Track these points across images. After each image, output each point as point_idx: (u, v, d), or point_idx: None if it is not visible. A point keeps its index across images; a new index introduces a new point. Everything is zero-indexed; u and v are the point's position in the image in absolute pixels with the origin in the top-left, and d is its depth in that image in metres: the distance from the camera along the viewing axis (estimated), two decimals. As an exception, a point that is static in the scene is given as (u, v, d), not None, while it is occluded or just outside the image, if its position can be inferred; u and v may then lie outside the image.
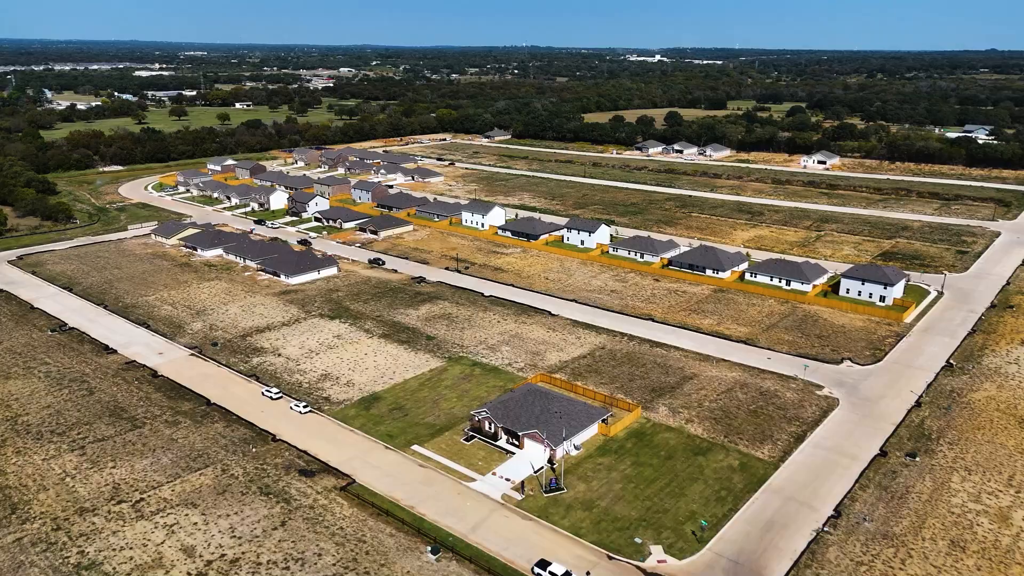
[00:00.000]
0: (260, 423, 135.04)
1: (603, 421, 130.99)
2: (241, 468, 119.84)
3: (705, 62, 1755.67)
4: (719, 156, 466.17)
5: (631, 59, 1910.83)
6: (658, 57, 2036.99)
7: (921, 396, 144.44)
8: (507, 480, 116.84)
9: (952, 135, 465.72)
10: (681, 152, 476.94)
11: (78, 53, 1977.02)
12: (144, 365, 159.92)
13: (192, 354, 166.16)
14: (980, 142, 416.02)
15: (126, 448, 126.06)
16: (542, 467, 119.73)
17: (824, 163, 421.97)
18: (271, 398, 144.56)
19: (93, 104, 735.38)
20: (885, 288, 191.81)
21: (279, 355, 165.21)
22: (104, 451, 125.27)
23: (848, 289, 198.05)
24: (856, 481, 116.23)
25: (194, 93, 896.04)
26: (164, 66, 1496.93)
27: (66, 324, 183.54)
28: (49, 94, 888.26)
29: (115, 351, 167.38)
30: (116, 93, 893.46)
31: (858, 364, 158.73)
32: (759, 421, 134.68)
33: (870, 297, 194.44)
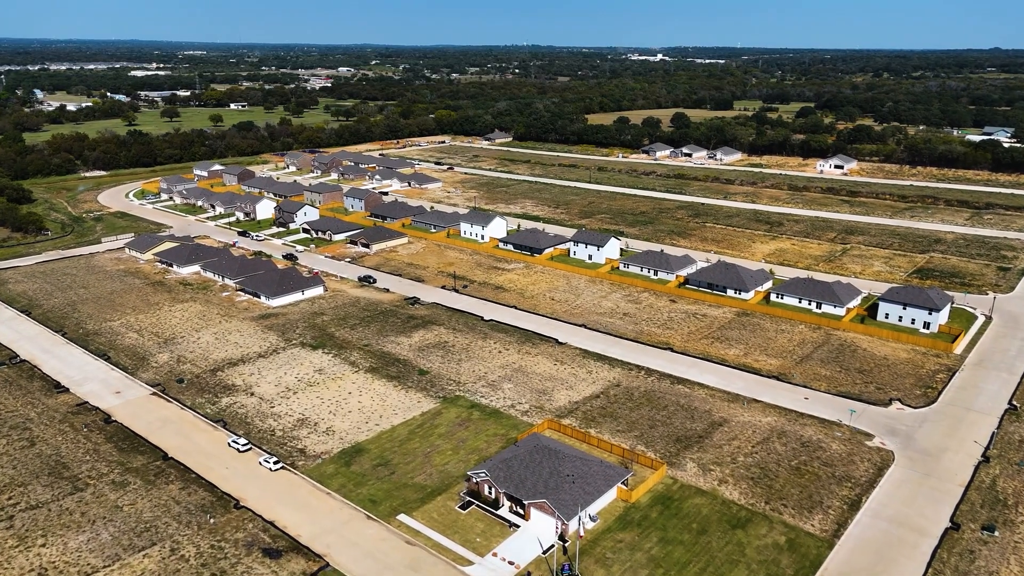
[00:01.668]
0: (222, 483, 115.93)
1: (623, 484, 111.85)
2: (194, 547, 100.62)
3: (708, 61, 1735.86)
4: (730, 160, 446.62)
5: (633, 58, 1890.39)
6: (660, 56, 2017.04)
7: (988, 448, 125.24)
8: (510, 563, 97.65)
9: (974, 138, 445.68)
10: (690, 156, 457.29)
11: (76, 52, 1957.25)
12: (97, 408, 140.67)
13: (154, 393, 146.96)
14: (1006, 146, 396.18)
15: (61, 519, 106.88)
16: (552, 545, 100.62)
17: (841, 167, 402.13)
18: (238, 450, 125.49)
19: (83, 105, 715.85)
20: (930, 313, 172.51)
21: (252, 394, 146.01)
22: (36, 523, 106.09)
23: (888, 314, 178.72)
24: (928, 565, 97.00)
25: (188, 94, 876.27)
26: (161, 66, 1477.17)
27: (17, 356, 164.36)
28: (40, 95, 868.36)
29: (67, 389, 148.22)
30: (109, 93, 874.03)
31: (909, 406, 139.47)
32: (804, 482, 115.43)
33: (913, 323, 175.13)
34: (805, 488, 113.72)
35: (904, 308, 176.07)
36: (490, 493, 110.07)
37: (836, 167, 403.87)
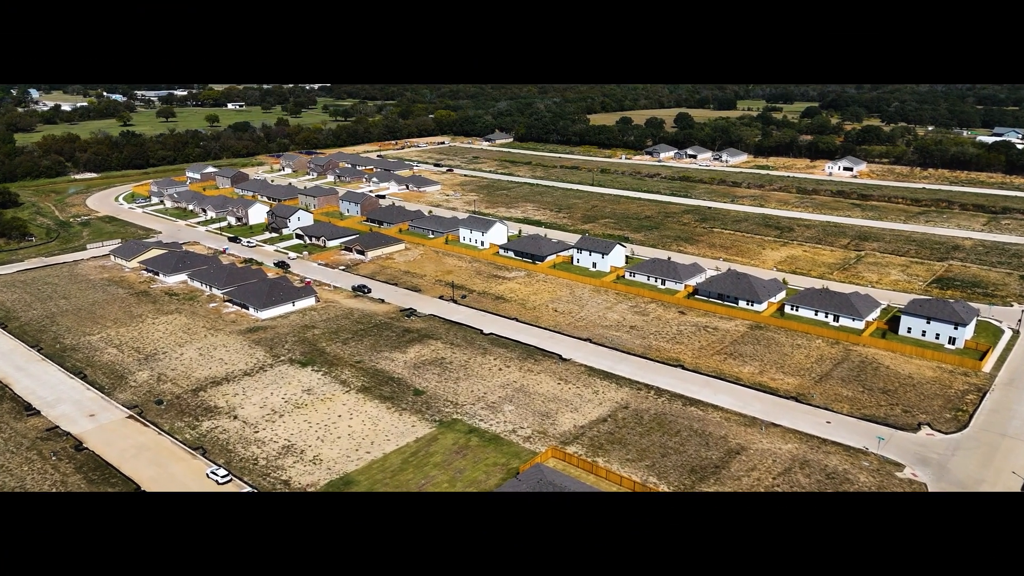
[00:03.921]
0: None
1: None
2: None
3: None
4: (736, 162, 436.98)
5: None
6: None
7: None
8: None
9: (986, 139, 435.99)
10: (695, 157, 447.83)
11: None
12: (68, 433, 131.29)
13: (130, 416, 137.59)
14: (1019, 147, 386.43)
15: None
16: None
17: (851, 170, 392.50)
18: (217, 482, 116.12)
19: (79, 105, 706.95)
20: (956, 328, 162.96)
21: (235, 417, 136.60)
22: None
23: (910, 328, 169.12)
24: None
25: (185, 93, 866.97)
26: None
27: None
28: (35, 94, 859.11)
29: (37, 412, 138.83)
30: (105, 93, 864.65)
31: (940, 432, 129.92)
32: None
33: (937, 338, 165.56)
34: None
35: (928, 322, 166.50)
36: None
37: (845, 169, 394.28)
